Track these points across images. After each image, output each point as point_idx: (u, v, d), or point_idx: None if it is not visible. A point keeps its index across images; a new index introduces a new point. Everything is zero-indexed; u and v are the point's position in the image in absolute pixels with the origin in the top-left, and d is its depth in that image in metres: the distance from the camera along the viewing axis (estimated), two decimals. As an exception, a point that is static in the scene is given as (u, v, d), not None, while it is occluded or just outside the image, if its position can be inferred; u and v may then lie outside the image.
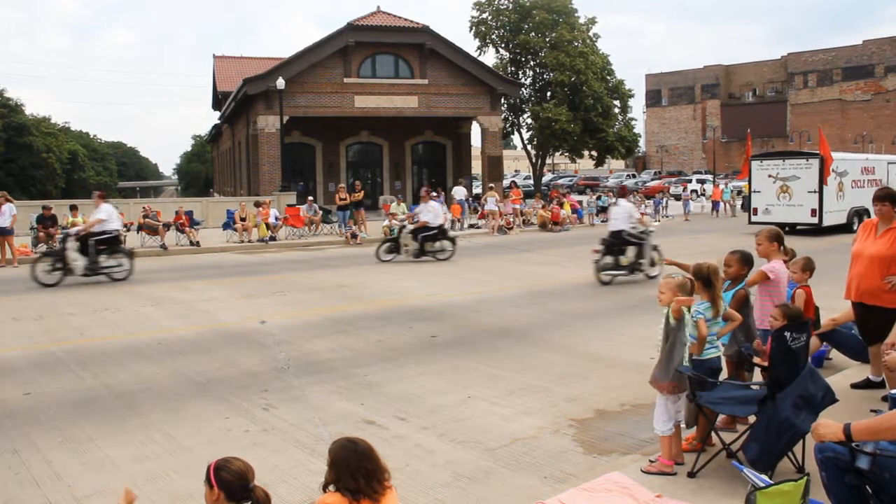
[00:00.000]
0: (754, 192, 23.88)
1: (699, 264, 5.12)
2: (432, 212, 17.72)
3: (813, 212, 22.23)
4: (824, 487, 3.53)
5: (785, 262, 6.55)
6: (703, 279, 5.01)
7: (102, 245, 14.71)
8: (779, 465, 4.46)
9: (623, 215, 14.11)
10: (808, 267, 6.87)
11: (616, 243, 13.80)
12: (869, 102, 70.70)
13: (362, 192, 25.19)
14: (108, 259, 14.90)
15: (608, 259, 13.69)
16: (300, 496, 4.60)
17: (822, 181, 22.01)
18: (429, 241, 17.61)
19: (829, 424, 3.40)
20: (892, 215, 5.96)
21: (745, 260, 5.56)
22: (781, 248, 6.08)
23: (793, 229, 22.67)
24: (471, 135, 40.10)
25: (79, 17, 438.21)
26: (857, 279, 6.10)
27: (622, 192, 16.12)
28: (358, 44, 32.98)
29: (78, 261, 14.35)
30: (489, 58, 46.66)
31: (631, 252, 13.94)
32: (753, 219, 23.49)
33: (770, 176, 23.28)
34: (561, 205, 28.18)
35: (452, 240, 18.27)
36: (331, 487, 3.03)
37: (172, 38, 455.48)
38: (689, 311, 4.73)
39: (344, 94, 33.19)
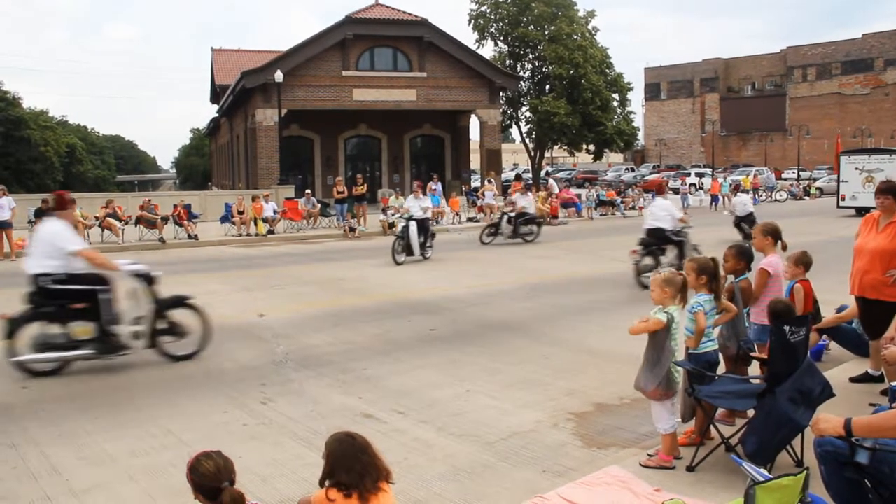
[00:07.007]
0: (842, 181, 28.29)
1: (704, 259, 5.15)
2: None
3: None
4: (823, 482, 3.53)
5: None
6: (710, 273, 5.01)
7: None
8: (778, 459, 4.46)
9: None
10: (803, 261, 6.83)
11: None
12: (868, 96, 70.64)
13: (364, 185, 25.13)
14: None
15: None
16: (298, 490, 4.59)
17: None
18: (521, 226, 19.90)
19: (829, 419, 3.39)
20: (894, 209, 5.94)
21: (741, 254, 5.65)
22: (777, 242, 6.11)
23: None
24: (469, 128, 40.04)
25: (77, 10, 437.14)
26: (859, 274, 6.09)
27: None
28: (356, 37, 32.89)
29: None
30: (487, 51, 46.63)
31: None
32: (841, 204, 27.99)
33: (857, 168, 27.72)
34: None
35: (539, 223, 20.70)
36: (327, 482, 3.04)
37: (171, 32, 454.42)
38: (667, 313, 4.70)
39: (342, 88, 33.11)
